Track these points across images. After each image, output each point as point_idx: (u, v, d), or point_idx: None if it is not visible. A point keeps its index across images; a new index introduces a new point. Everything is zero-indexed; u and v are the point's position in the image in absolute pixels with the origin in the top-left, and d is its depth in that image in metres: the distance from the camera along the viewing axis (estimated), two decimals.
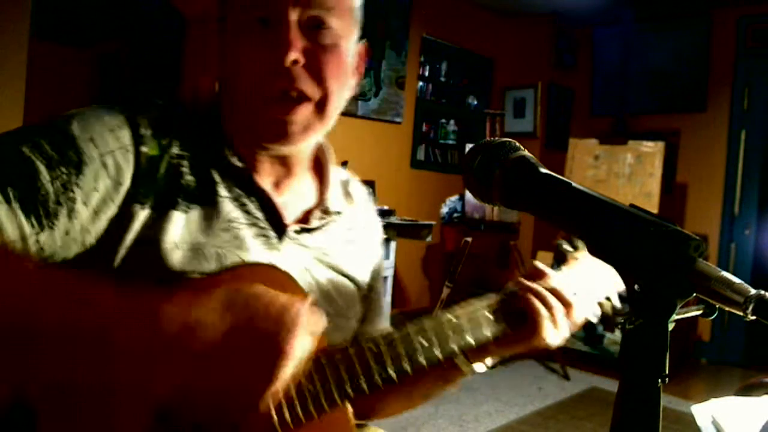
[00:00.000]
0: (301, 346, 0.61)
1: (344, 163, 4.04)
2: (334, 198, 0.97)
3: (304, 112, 0.82)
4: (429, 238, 4.05)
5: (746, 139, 4.90)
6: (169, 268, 0.76)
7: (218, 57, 0.87)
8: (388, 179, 4.56)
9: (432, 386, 1.00)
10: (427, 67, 4.93)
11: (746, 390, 1.39)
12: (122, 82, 5.17)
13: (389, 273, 3.91)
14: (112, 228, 0.75)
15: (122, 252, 0.75)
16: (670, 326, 0.53)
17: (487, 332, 0.89)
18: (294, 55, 0.77)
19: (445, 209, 4.84)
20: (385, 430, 1.07)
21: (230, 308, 0.62)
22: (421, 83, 4.89)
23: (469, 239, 4.24)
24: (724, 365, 4.77)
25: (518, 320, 0.91)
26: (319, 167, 0.98)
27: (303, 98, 0.81)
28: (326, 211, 0.94)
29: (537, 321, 0.89)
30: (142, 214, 0.76)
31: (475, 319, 0.88)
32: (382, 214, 3.95)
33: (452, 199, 4.88)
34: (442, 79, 5.08)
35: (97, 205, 0.74)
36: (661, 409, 0.52)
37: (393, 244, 3.92)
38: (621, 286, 0.99)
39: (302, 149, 0.90)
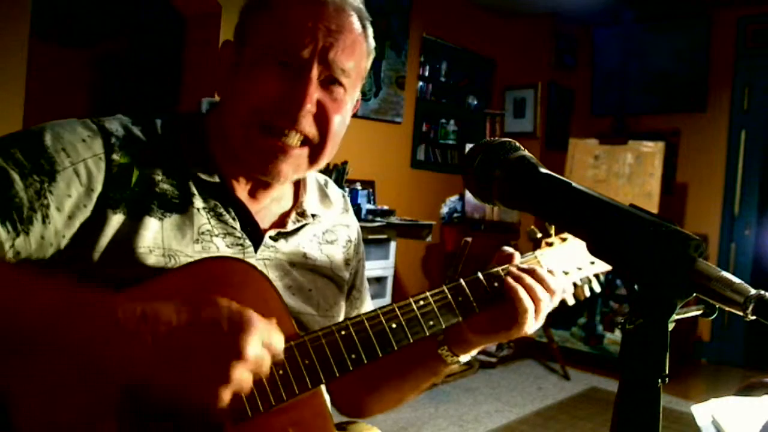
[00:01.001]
0: (255, 353, 0.64)
1: (344, 163, 4.05)
2: (310, 201, 1.00)
3: (299, 155, 0.88)
4: (429, 238, 4.04)
5: (746, 139, 4.90)
6: (144, 270, 0.79)
7: (227, 81, 0.90)
8: (388, 179, 4.56)
9: (420, 378, 1.01)
10: (427, 67, 4.93)
11: (746, 390, 1.39)
12: (122, 83, 5.17)
13: (389, 273, 3.91)
14: (87, 231, 0.79)
15: (97, 255, 0.78)
16: (670, 326, 0.53)
17: (458, 314, 0.89)
18: (309, 106, 0.85)
19: (445, 209, 4.84)
20: (385, 430, 1.07)
21: (190, 307, 0.65)
22: (421, 83, 4.89)
23: (469, 239, 4.24)
24: (724, 365, 4.77)
25: (490, 302, 0.91)
26: None
27: (302, 142, 0.87)
28: (302, 214, 0.97)
29: (518, 304, 0.88)
30: (116, 219, 0.80)
31: (445, 301, 0.89)
32: (382, 214, 3.95)
33: (452, 199, 4.88)
34: (442, 79, 5.08)
35: (70, 210, 0.78)
36: (661, 409, 0.52)
37: (393, 244, 3.92)
38: (599, 267, 0.99)
39: None
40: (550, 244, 1.00)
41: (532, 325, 0.90)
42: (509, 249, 0.95)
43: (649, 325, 0.53)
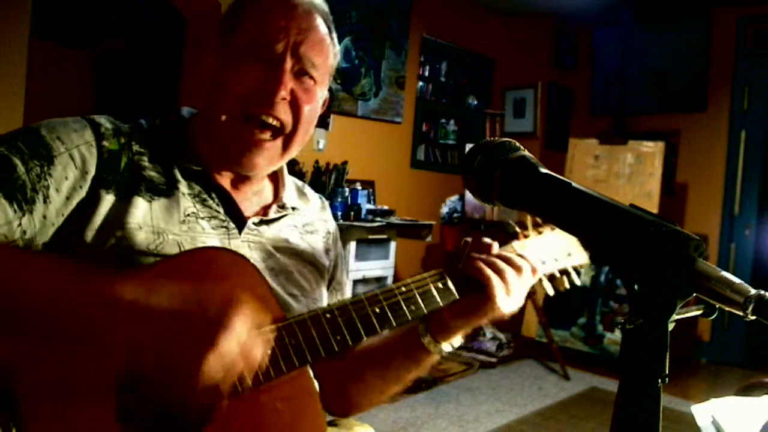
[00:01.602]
0: (241, 326, 0.68)
1: (344, 163, 4.05)
2: (289, 197, 1.07)
3: (272, 147, 0.95)
4: (429, 238, 4.04)
5: (746, 139, 4.90)
6: (134, 246, 0.86)
7: (210, 79, 0.98)
8: (388, 179, 4.56)
9: (403, 368, 1.03)
10: (427, 67, 4.93)
11: (746, 390, 1.39)
12: (122, 83, 5.17)
13: (389, 273, 3.91)
14: (82, 211, 0.86)
15: (90, 233, 0.85)
16: (670, 326, 0.53)
17: (438, 300, 0.93)
18: (283, 92, 0.93)
19: (445, 209, 4.84)
20: (385, 430, 1.07)
21: (179, 292, 0.70)
22: (421, 83, 4.89)
23: (469, 239, 4.23)
24: (724, 365, 4.77)
25: (470, 288, 0.94)
26: (273, 172, 1.06)
27: (276, 131, 0.95)
28: (283, 207, 1.04)
29: (488, 285, 0.92)
30: (108, 199, 0.87)
31: (426, 287, 0.93)
32: (382, 214, 3.95)
33: (452, 199, 4.88)
34: (442, 79, 5.08)
35: (68, 191, 0.85)
36: (661, 409, 0.52)
37: (393, 244, 3.92)
38: (577, 259, 1.02)
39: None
40: (526, 236, 1.04)
41: (504, 300, 0.93)
42: (488, 240, 1.00)
43: (649, 325, 0.53)
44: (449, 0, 5.01)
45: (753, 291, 0.52)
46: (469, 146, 1.55)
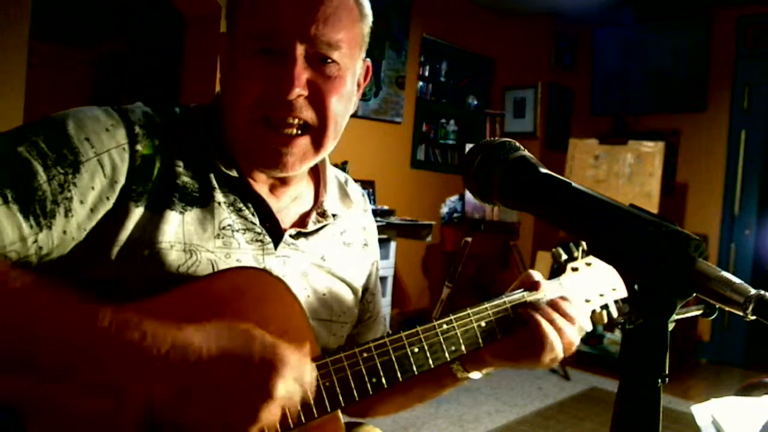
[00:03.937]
0: (286, 392, 0.63)
1: (344, 163, 4.04)
2: (331, 200, 0.97)
3: (302, 144, 0.84)
4: (429, 238, 4.04)
5: (746, 139, 4.90)
6: (164, 266, 0.77)
7: (222, 72, 0.88)
8: (388, 179, 4.56)
9: (427, 390, 1.01)
10: (427, 67, 4.93)
11: (746, 390, 1.39)
12: (122, 83, 5.17)
13: (389, 273, 3.91)
14: (107, 224, 0.76)
15: (116, 249, 0.76)
16: (670, 326, 0.53)
17: (480, 341, 0.88)
18: (298, 90, 0.79)
19: (445, 209, 4.84)
20: (385, 429, 1.07)
21: (223, 340, 0.64)
22: (421, 83, 4.89)
23: (469, 239, 4.24)
24: (724, 365, 4.77)
25: (515, 330, 0.90)
26: (315, 169, 0.98)
27: (302, 128, 0.83)
28: (323, 214, 0.94)
29: (544, 343, 0.88)
30: (137, 212, 0.77)
31: (468, 326, 0.88)
32: (382, 214, 3.95)
33: (452, 199, 4.87)
34: (442, 79, 5.08)
35: (93, 203, 0.75)
36: (661, 409, 0.52)
37: (393, 244, 3.92)
38: (620, 294, 0.97)
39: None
40: (574, 269, 0.98)
41: (551, 358, 0.90)
42: (536, 275, 0.95)
43: (649, 325, 0.53)
44: (449, 0, 5.01)
45: (753, 291, 0.52)
46: (469, 146, 1.53)
